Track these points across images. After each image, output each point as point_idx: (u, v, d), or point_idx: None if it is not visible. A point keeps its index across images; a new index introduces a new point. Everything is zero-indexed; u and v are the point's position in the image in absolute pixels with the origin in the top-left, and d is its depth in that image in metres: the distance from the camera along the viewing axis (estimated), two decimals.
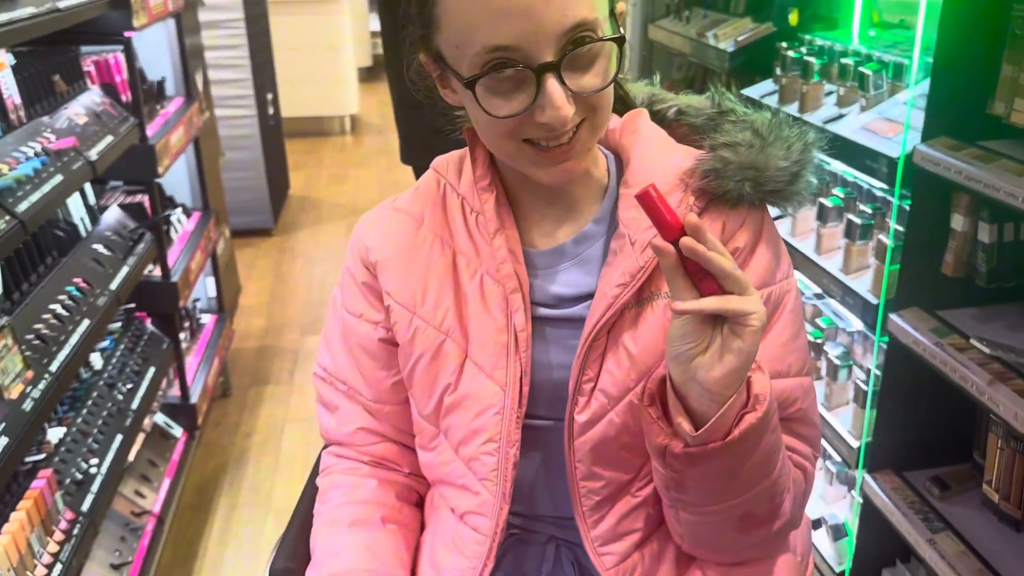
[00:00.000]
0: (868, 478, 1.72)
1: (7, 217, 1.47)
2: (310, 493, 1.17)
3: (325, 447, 1.15)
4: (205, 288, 3.09)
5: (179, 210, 2.80)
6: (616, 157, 1.02)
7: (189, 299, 2.72)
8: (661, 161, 0.97)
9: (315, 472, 1.17)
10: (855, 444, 1.75)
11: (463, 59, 0.83)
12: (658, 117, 1.05)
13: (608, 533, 0.97)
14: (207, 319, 3.05)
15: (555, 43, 0.80)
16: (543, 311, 0.98)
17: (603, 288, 0.94)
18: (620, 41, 0.84)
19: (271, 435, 2.94)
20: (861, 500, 1.74)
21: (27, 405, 1.47)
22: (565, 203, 0.99)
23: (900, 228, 1.62)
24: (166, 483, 2.34)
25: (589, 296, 0.96)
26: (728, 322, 0.79)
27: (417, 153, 2.31)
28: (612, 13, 0.87)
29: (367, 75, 8.15)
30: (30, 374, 1.53)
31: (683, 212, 0.88)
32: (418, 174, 2.95)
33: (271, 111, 4.73)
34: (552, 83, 0.82)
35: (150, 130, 2.40)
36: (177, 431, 2.55)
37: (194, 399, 2.60)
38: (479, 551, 0.98)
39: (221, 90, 4.20)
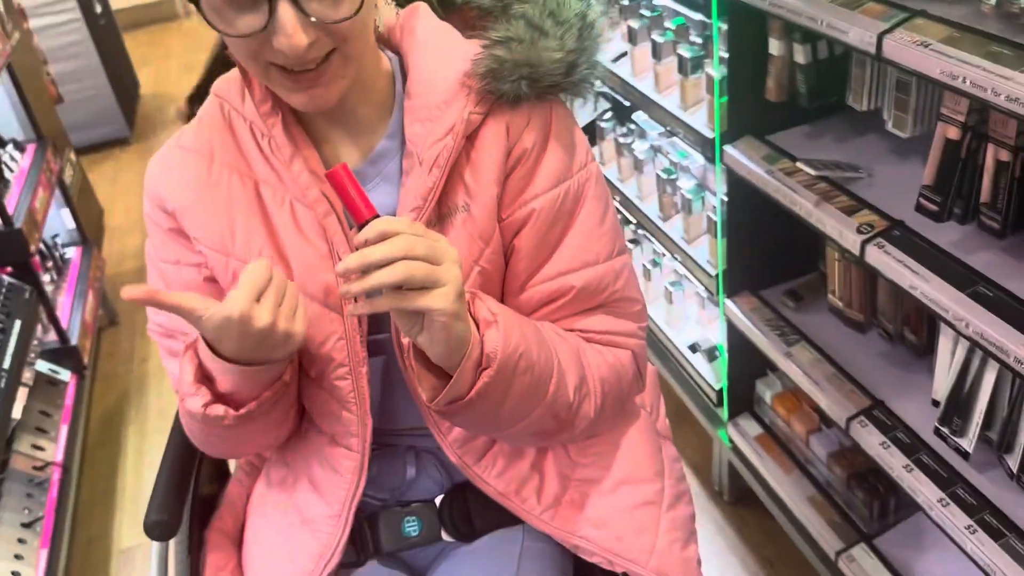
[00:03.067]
0: (729, 303, 1.80)
1: None
2: (176, 438, 1.17)
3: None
4: (63, 220, 2.95)
5: (9, 147, 2.62)
6: (401, 60, 0.98)
7: (42, 239, 2.59)
8: (441, 65, 0.94)
9: (177, 424, 1.16)
10: (713, 272, 1.83)
11: None
12: (446, 2, 1.01)
13: (462, 436, 1.01)
14: (72, 252, 2.92)
15: None
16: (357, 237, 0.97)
17: (402, 212, 0.93)
18: None
19: None
20: (726, 323, 1.83)
21: None
22: (351, 121, 0.96)
23: (725, 56, 1.62)
24: (64, 430, 2.31)
25: (391, 212, 0.95)
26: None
27: None
28: None
29: None
30: None
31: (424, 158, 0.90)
32: None
33: (99, 9, 4.37)
34: (284, 7, 0.77)
35: None
36: (65, 375, 2.50)
37: (74, 340, 2.54)
38: (351, 466, 1.02)
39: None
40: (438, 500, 1.08)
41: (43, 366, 2.46)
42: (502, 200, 0.96)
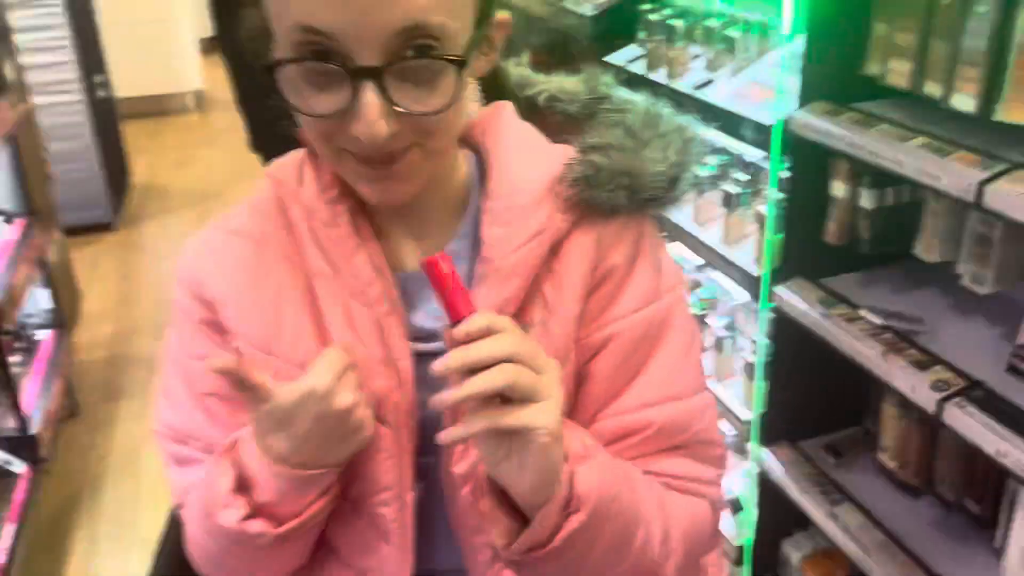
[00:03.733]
0: (763, 451, 1.68)
1: None
2: (177, 522, 1.00)
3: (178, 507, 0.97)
4: (38, 301, 2.78)
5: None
6: (480, 158, 0.89)
7: (17, 318, 2.43)
8: (528, 167, 0.85)
9: (165, 547, 1.00)
10: (747, 416, 1.71)
11: (279, 32, 0.70)
12: (529, 104, 0.93)
13: None
14: (44, 335, 2.75)
15: (383, 44, 0.67)
16: (417, 346, 0.85)
17: None
18: (460, 64, 0.70)
19: (129, 455, 2.70)
20: (757, 474, 1.71)
21: None
22: (419, 218, 0.86)
23: (779, 196, 1.56)
24: (9, 529, 2.08)
25: None
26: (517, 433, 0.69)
27: (267, 140, 2.10)
28: (483, 23, 0.75)
29: (211, 46, 7.66)
30: None
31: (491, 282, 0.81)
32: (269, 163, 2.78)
33: (102, 94, 4.33)
34: (369, 93, 0.68)
35: None
36: (18, 467, 2.28)
37: (34, 429, 2.33)
38: None
39: (40, 76, 3.78)
40: None
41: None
42: (582, 318, 0.85)
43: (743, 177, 1.75)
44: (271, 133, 0.84)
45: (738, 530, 1.84)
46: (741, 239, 1.72)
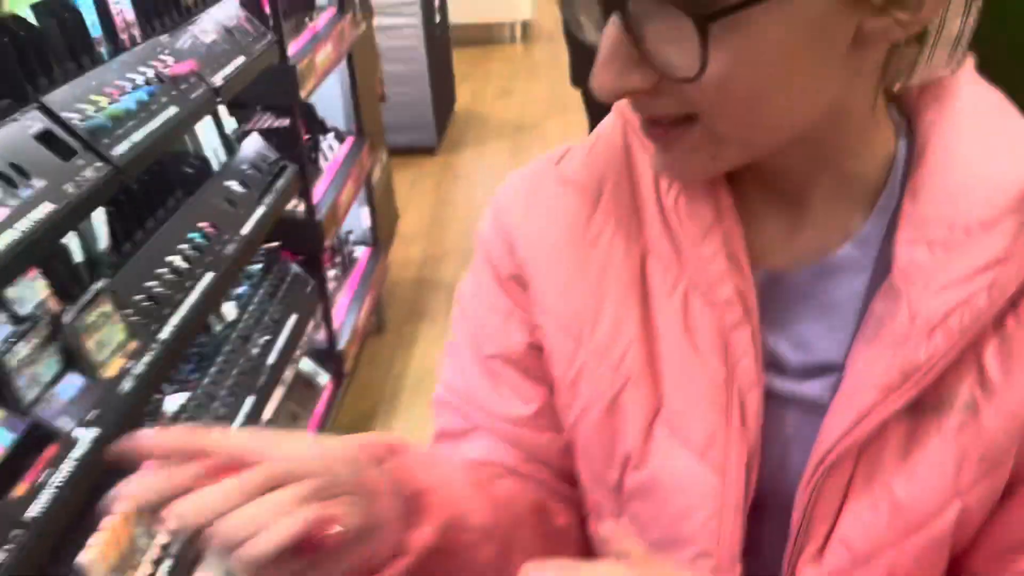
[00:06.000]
0: None
1: (98, 163, 1.23)
2: None
3: None
4: (359, 218, 2.87)
5: (330, 136, 2.56)
6: (911, 134, 0.61)
7: (338, 233, 2.50)
8: (988, 163, 0.57)
9: None
10: None
11: None
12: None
13: None
14: (360, 252, 2.83)
15: None
16: (770, 379, 0.62)
17: (855, 380, 0.57)
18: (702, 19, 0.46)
19: (424, 377, 2.73)
20: None
21: (127, 385, 1.26)
22: (801, 203, 0.61)
23: None
24: None
25: (829, 370, 0.60)
26: None
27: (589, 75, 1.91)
28: None
29: None
30: (134, 345, 1.32)
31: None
32: (588, 101, 2.60)
33: (438, 19, 4.42)
34: (609, 27, 0.50)
35: (293, 47, 2.13)
36: (323, 379, 2.36)
37: (342, 344, 2.40)
38: None
39: None
40: None
41: (306, 364, 2.33)
42: None
43: None
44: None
45: None
46: None
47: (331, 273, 2.50)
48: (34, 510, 1.05)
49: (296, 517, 0.47)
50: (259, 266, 2.07)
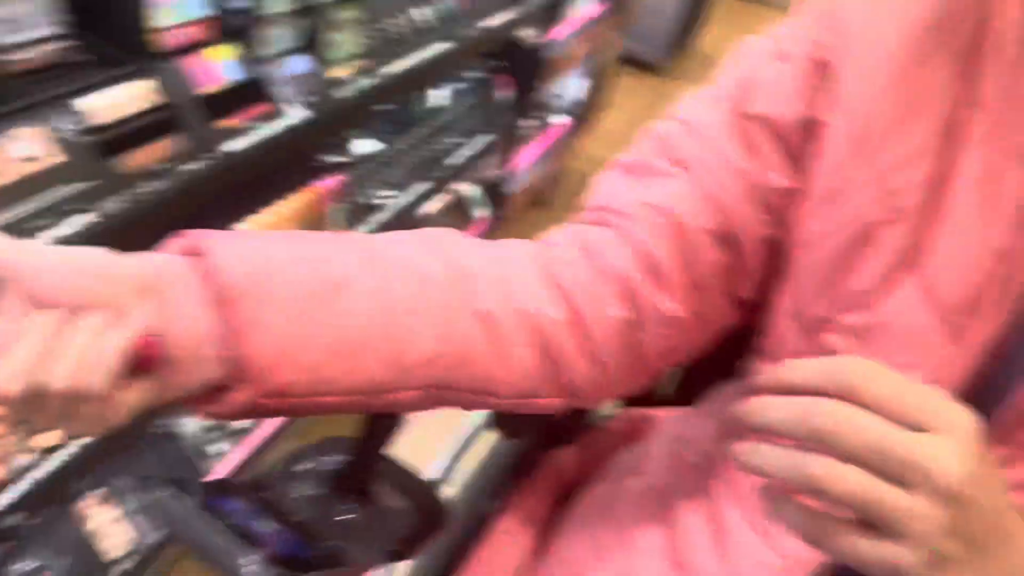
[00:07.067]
0: None
1: None
2: None
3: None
4: (575, 87, 2.83)
5: None
6: None
7: (556, 86, 2.46)
8: None
9: None
10: None
11: None
12: None
13: None
14: (562, 119, 2.80)
15: None
16: None
17: None
18: None
19: None
20: None
21: (347, 92, 1.28)
22: None
23: None
24: None
25: None
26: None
27: None
28: None
29: None
30: (362, 63, 1.33)
31: None
32: None
33: None
34: None
35: None
36: (482, 211, 2.37)
37: (514, 188, 2.39)
38: (792, 570, 0.62)
39: None
40: None
41: (472, 191, 2.34)
42: None
43: None
44: None
45: None
46: None
47: (528, 123, 2.48)
48: (233, 146, 1.09)
49: (119, 335, 0.44)
50: (476, 73, 2.07)
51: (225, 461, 1.45)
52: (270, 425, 1.54)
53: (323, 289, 0.52)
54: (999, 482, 0.41)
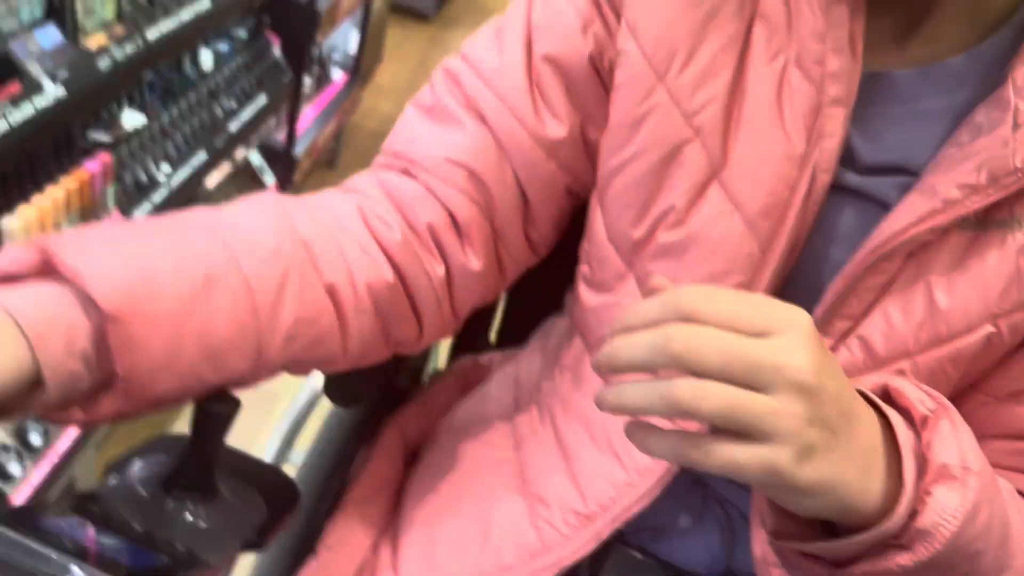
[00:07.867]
0: None
1: None
2: None
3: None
4: (347, 40, 2.75)
5: None
6: None
7: (327, 41, 2.38)
8: None
9: None
10: None
11: None
12: None
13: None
14: (338, 75, 2.72)
15: None
16: (847, 176, 0.61)
17: (933, 178, 0.56)
18: None
19: None
20: None
21: (104, 63, 1.17)
22: (927, 10, 0.58)
23: None
24: None
25: (903, 172, 0.59)
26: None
27: None
28: None
29: None
30: (120, 29, 1.22)
31: None
32: None
33: None
34: None
35: None
36: (269, 179, 2.27)
37: (298, 151, 2.30)
38: (638, 482, 0.65)
39: None
40: None
41: (255, 158, 2.23)
42: None
43: None
44: None
45: None
46: None
47: (306, 79, 2.39)
48: None
49: None
50: (244, 33, 1.95)
51: (24, 483, 1.32)
52: (67, 439, 1.41)
53: (193, 294, 0.50)
54: (839, 367, 0.45)
